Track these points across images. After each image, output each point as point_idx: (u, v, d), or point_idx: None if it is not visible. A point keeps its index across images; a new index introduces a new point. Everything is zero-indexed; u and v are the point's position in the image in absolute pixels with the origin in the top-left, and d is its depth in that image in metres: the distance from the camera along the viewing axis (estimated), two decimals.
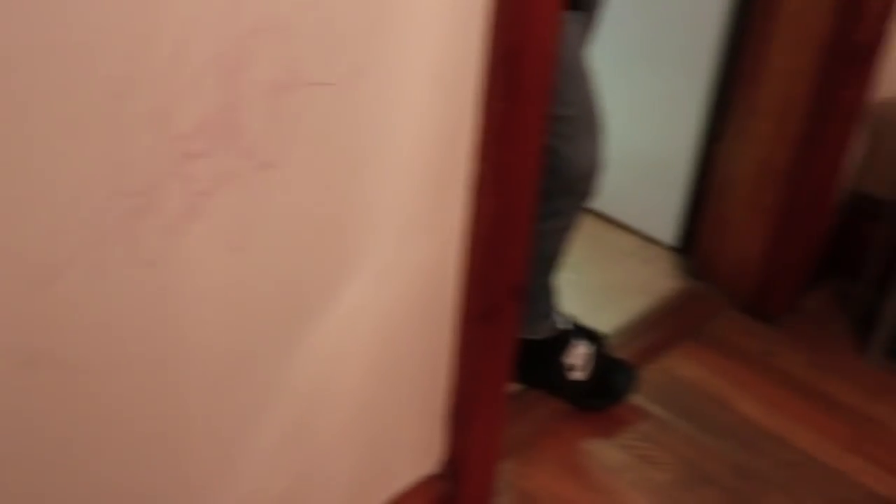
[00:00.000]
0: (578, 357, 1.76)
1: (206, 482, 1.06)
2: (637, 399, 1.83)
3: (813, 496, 1.68)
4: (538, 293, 1.74)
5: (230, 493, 1.09)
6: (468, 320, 1.24)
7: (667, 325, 2.03)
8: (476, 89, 1.09)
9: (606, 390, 1.78)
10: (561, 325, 1.78)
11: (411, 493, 1.34)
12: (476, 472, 1.40)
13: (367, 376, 1.19)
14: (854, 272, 2.13)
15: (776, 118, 1.93)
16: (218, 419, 1.04)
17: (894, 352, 1.98)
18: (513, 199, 1.17)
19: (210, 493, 1.07)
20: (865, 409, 1.88)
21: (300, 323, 1.05)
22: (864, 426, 1.84)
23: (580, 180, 1.59)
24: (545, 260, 1.70)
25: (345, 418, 1.19)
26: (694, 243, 2.19)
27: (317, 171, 0.97)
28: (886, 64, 1.93)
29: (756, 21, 1.92)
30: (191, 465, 1.04)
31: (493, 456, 1.42)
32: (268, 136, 0.91)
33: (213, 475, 1.06)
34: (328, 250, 1.04)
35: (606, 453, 1.73)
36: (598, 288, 2.14)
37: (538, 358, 1.77)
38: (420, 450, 1.34)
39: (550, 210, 1.61)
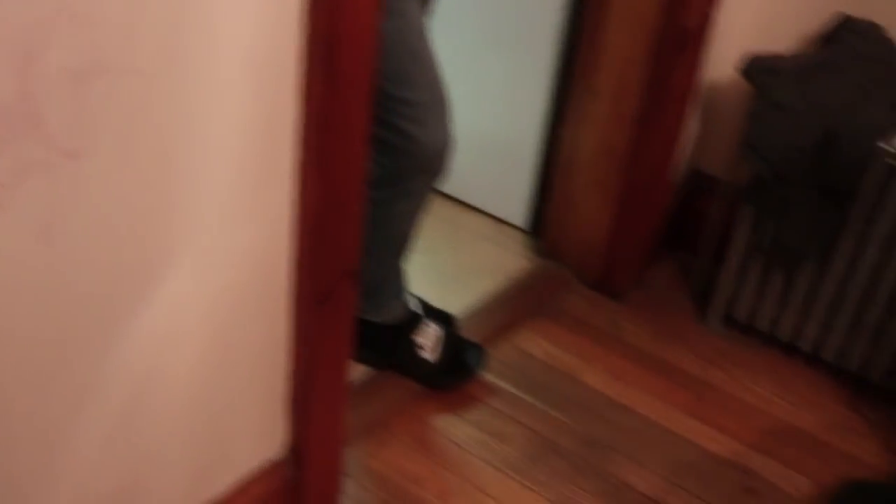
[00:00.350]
0: (429, 337, 1.79)
1: (28, 481, 1.04)
2: (488, 376, 1.88)
3: (655, 460, 1.76)
4: (390, 275, 1.76)
5: (56, 491, 1.07)
6: (303, 305, 1.25)
7: (517, 304, 2.09)
8: (296, 74, 1.10)
9: (457, 369, 1.82)
10: (412, 307, 1.81)
11: (254, 480, 1.34)
12: (320, 455, 1.41)
13: (200, 364, 1.19)
14: (693, 246, 2.23)
15: (613, 101, 2.00)
16: (39, 415, 1.02)
17: (730, 320, 2.08)
18: (339, 183, 1.19)
19: (34, 492, 1.05)
20: (704, 376, 1.98)
21: (121, 313, 1.04)
22: (702, 391, 1.94)
23: (432, 160, 1.61)
24: (397, 242, 1.72)
25: (179, 408, 1.19)
26: (543, 224, 2.25)
27: (128, 160, 0.97)
28: (714, 48, 2.02)
29: (591, 7, 1.98)
30: (11, 465, 1.02)
31: (338, 438, 1.44)
32: (71, 125, 0.90)
33: (36, 474, 1.04)
34: (147, 239, 1.03)
35: (457, 430, 1.77)
36: (451, 270, 2.17)
37: (390, 340, 1.79)
38: (262, 436, 1.35)
39: (402, 192, 1.63)
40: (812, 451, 1.82)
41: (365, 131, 1.19)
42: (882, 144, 1.76)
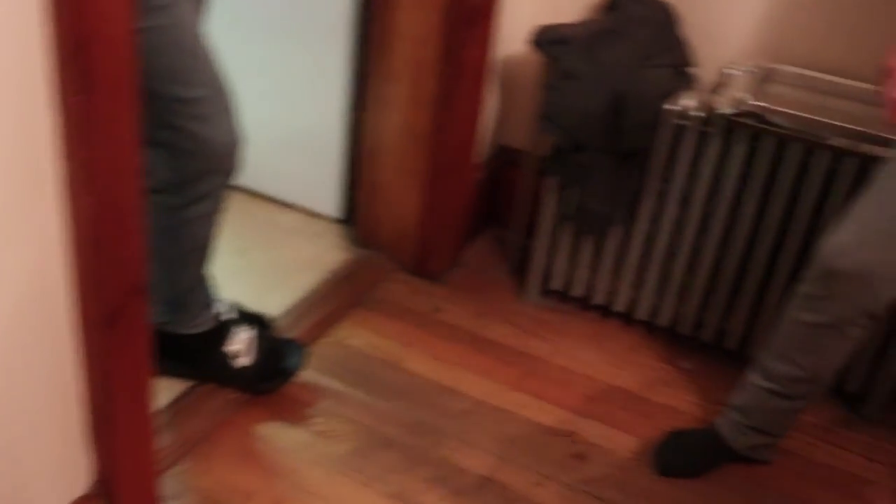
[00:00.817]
0: (242, 343, 1.72)
1: None
2: (311, 375, 1.83)
3: (484, 438, 1.76)
4: (195, 284, 1.69)
5: None
6: (90, 327, 1.17)
7: (336, 297, 2.05)
8: (49, 85, 1.02)
9: (276, 372, 1.77)
10: (223, 314, 1.74)
11: None
12: (132, 483, 1.33)
13: None
14: (506, 221, 2.25)
15: (410, 83, 1.98)
16: None
17: (547, 290, 2.11)
18: (113, 194, 1.11)
19: None
20: (527, 348, 2.00)
21: None
22: (526, 364, 1.96)
23: (222, 158, 1.55)
24: (197, 248, 1.65)
25: None
26: (356, 213, 2.22)
27: None
28: (505, 22, 2.04)
29: None
30: None
31: (149, 462, 1.36)
32: None
33: None
34: None
35: (284, 435, 1.72)
36: (266, 270, 2.11)
37: (202, 350, 1.72)
38: (64, 471, 1.26)
39: (194, 196, 1.56)
40: (635, 408, 1.87)
41: (134, 136, 1.12)
42: (667, 105, 1.81)
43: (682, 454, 1.76)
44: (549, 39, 1.91)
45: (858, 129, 1.70)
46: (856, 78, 1.81)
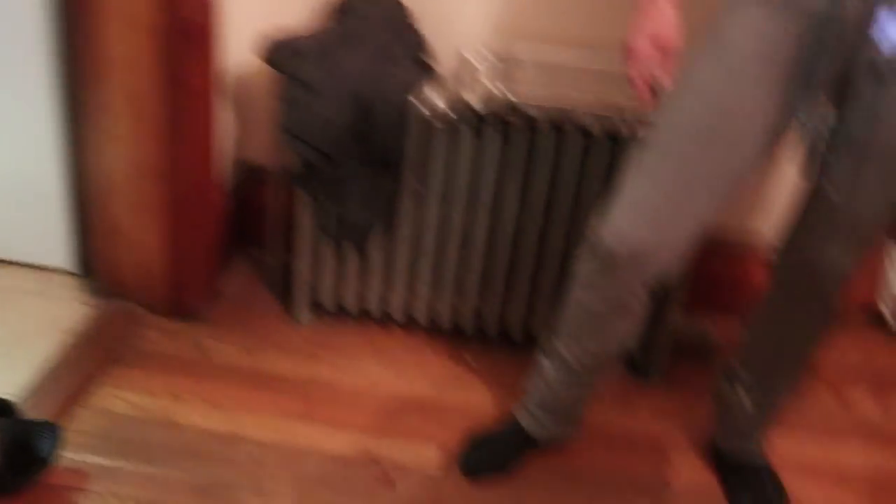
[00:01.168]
0: None
1: None
2: (73, 456, 1.61)
3: (281, 483, 1.62)
4: None
5: None
6: None
7: (86, 360, 1.82)
8: None
9: (28, 462, 1.53)
10: None
11: None
12: None
13: None
14: (262, 241, 2.10)
15: (133, 113, 1.79)
16: None
17: (318, 308, 1.99)
18: None
19: None
20: (307, 374, 1.88)
21: None
22: (310, 392, 1.83)
23: None
24: None
25: None
26: (93, 262, 1.99)
27: None
28: (230, 35, 1.89)
29: (81, 12, 1.73)
30: None
31: None
32: None
33: None
34: None
35: None
36: None
37: None
38: None
39: None
40: (431, 417, 1.80)
41: None
42: (414, 104, 1.74)
43: (487, 454, 1.71)
44: (282, 53, 1.77)
45: (606, 106, 1.71)
46: (598, 47, 1.80)
